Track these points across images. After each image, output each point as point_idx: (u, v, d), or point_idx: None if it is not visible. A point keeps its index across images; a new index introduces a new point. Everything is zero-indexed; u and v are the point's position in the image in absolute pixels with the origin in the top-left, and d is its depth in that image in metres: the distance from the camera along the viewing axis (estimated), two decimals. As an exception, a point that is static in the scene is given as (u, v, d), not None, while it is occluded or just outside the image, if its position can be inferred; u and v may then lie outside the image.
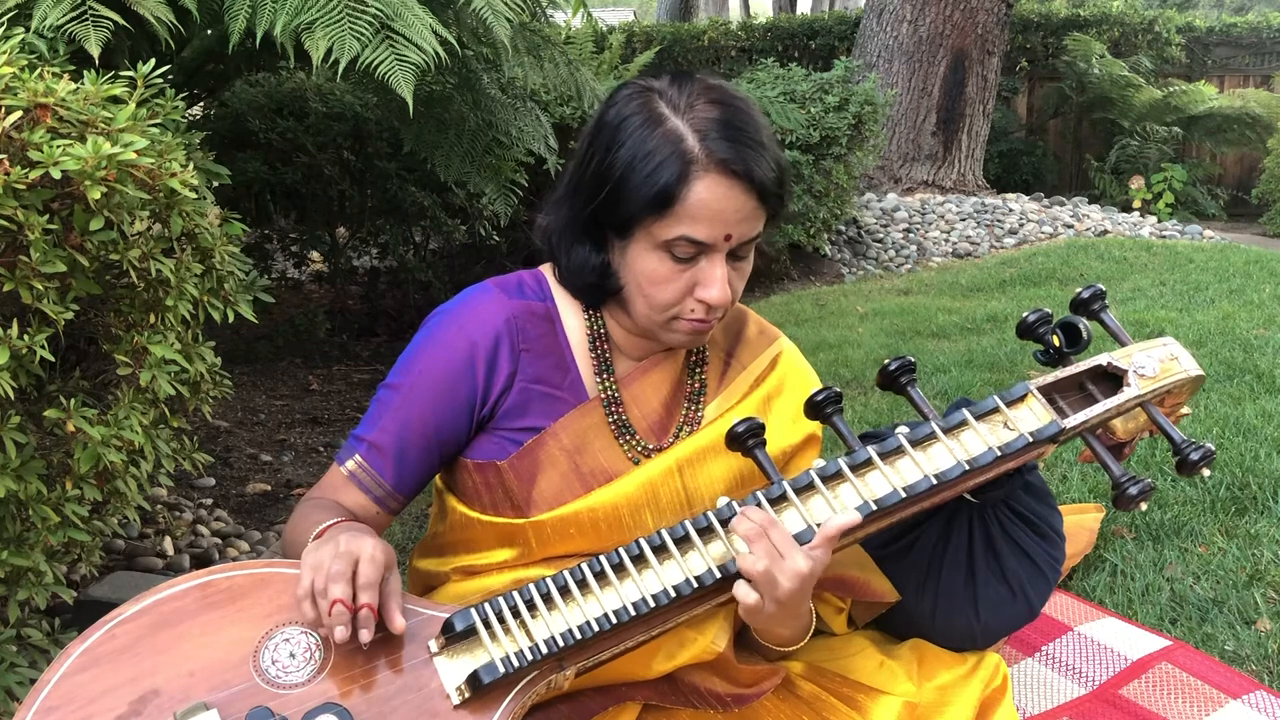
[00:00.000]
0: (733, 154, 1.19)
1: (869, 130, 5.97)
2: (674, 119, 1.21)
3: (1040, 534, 1.55)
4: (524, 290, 1.35)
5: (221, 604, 1.12)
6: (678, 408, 1.37)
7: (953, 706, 1.39)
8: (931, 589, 1.50)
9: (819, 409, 1.29)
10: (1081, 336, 1.35)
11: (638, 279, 1.25)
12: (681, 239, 1.20)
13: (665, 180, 1.18)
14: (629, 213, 1.22)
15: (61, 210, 1.41)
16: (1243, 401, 2.92)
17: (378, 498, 1.32)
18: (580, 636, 1.12)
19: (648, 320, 1.28)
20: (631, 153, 1.20)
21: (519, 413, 1.31)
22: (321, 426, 3.43)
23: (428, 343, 1.32)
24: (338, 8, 1.92)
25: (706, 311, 1.25)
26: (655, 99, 1.23)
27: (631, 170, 1.20)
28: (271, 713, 1.04)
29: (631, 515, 1.30)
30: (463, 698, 1.10)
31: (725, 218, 1.20)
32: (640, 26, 11.90)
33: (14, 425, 1.40)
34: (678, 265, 1.23)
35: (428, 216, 4.32)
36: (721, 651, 1.31)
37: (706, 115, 1.21)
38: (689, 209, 1.19)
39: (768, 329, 1.46)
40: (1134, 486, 1.26)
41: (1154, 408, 1.33)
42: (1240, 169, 10.37)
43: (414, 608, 1.15)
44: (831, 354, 3.91)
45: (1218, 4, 21.09)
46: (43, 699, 1.03)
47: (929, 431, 1.26)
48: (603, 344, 1.35)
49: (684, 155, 1.19)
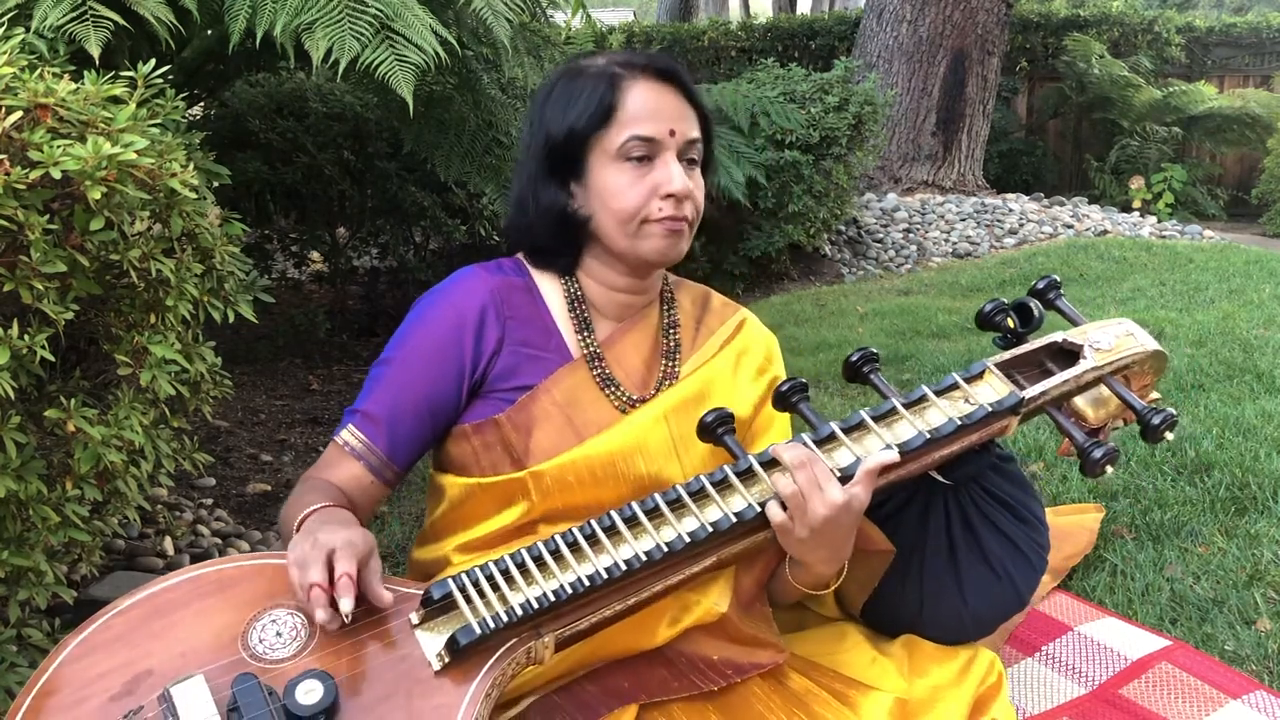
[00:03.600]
0: (653, 61, 1.38)
1: (869, 130, 5.97)
2: (594, 63, 1.39)
3: (1019, 517, 1.59)
4: (504, 269, 1.46)
5: (212, 593, 1.16)
6: (656, 364, 1.46)
7: (944, 704, 1.40)
8: (915, 575, 1.52)
9: (785, 399, 1.38)
10: (1034, 315, 1.41)
11: (604, 200, 1.36)
12: (631, 138, 1.33)
13: (601, 94, 1.34)
14: (578, 140, 1.35)
15: (62, 210, 1.41)
16: (1243, 401, 2.91)
17: (372, 466, 1.37)
18: (554, 600, 1.16)
19: (622, 239, 1.37)
20: (564, 96, 1.37)
21: (510, 374, 1.38)
22: (321, 426, 3.43)
23: (417, 320, 1.41)
24: (338, 8, 1.92)
25: (675, 205, 1.35)
26: (574, 61, 1.43)
27: (569, 106, 1.36)
28: (255, 677, 1.07)
29: (625, 461, 1.36)
30: (443, 663, 1.12)
31: (664, 112, 1.35)
32: (640, 26, 11.90)
33: (14, 425, 1.40)
34: (636, 170, 1.34)
35: (428, 216, 4.32)
36: (725, 613, 1.35)
37: (620, 55, 1.41)
38: (629, 113, 1.34)
39: (730, 303, 1.58)
40: (1098, 450, 1.29)
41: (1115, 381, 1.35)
42: (1240, 169, 10.37)
43: (394, 587, 1.18)
44: (831, 354, 3.91)
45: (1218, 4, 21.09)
46: (40, 686, 1.06)
47: (890, 408, 1.32)
48: (580, 306, 1.43)
49: (612, 74, 1.36)
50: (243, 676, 1.07)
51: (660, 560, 1.21)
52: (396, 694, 1.10)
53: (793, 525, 1.23)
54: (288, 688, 1.05)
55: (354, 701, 1.08)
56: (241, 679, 1.06)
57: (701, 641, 1.37)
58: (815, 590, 1.39)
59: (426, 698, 1.10)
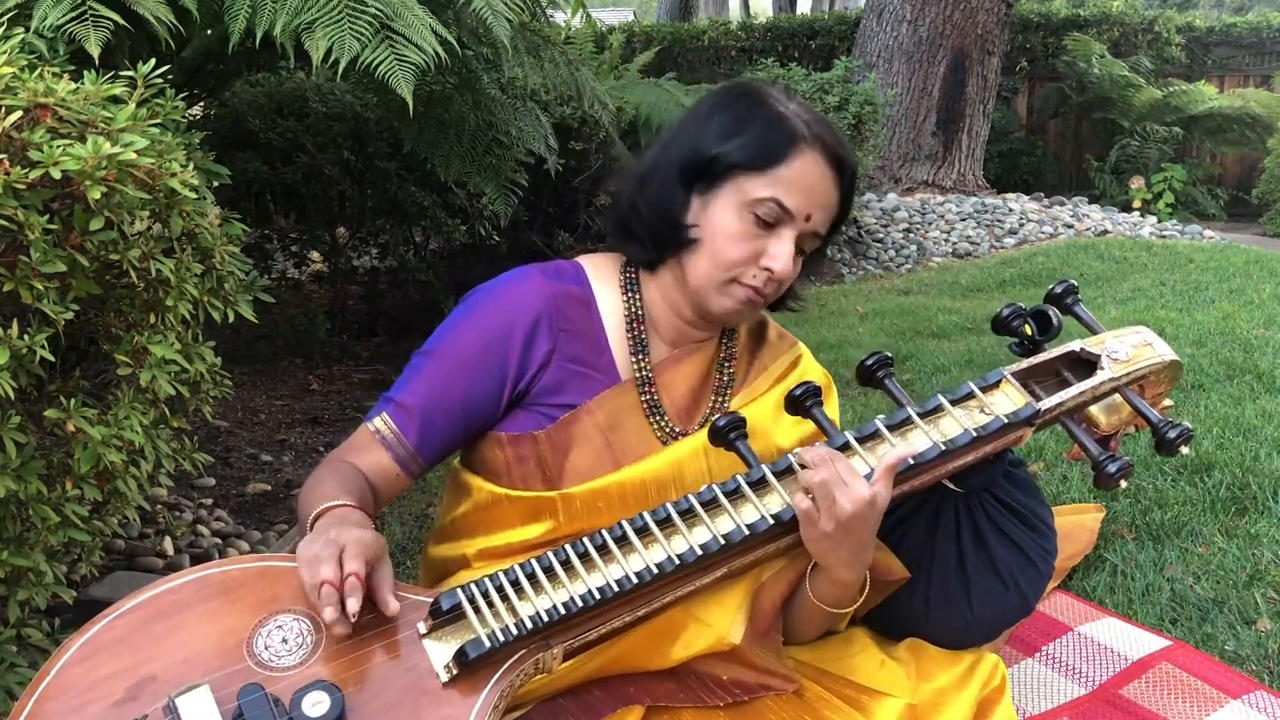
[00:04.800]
0: (835, 142, 1.33)
1: (869, 130, 5.97)
2: (784, 105, 1.35)
3: (1029, 525, 1.57)
4: (563, 275, 1.41)
5: (216, 595, 1.14)
6: (705, 398, 1.43)
7: (950, 708, 1.39)
8: (923, 582, 1.51)
9: (799, 403, 1.34)
10: (1052, 323, 1.38)
11: (713, 231, 1.32)
12: (771, 200, 1.29)
13: (774, 142, 1.30)
14: (730, 162, 1.31)
15: (61, 210, 1.41)
16: (1243, 401, 2.91)
17: (399, 458, 1.35)
18: (564, 612, 1.15)
19: (706, 280, 1.33)
20: (751, 115, 1.33)
21: (556, 390, 1.35)
22: (321, 426, 3.43)
23: (468, 316, 1.37)
24: (338, 8, 1.92)
25: (765, 281, 1.31)
26: (763, 89, 1.38)
27: (748, 127, 1.32)
28: (263, 688, 1.05)
29: (658, 491, 1.34)
30: (451, 675, 1.11)
31: (814, 194, 1.31)
32: (640, 26, 11.90)
33: (14, 425, 1.40)
34: (755, 228, 1.30)
35: (428, 216, 4.31)
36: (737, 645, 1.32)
37: (808, 113, 1.36)
38: (787, 174, 1.30)
39: (786, 335, 1.54)
40: (1112, 464, 1.28)
41: (1130, 392, 1.34)
42: (1240, 169, 10.37)
43: (403, 594, 1.17)
44: (832, 354, 3.91)
45: (1218, 4, 21.09)
46: (42, 689, 1.04)
47: (905, 417, 1.30)
48: (639, 325, 1.40)
49: (795, 130, 1.31)
50: (249, 687, 1.05)
51: (672, 572, 1.19)
52: (403, 704, 1.09)
53: (819, 517, 1.21)
54: (294, 699, 1.04)
55: (360, 712, 1.07)
56: (248, 690, 1.05)
57: (712, 663, 1.35)
58: (836, 608, 1.37)
59: (434, 709, 1.09)
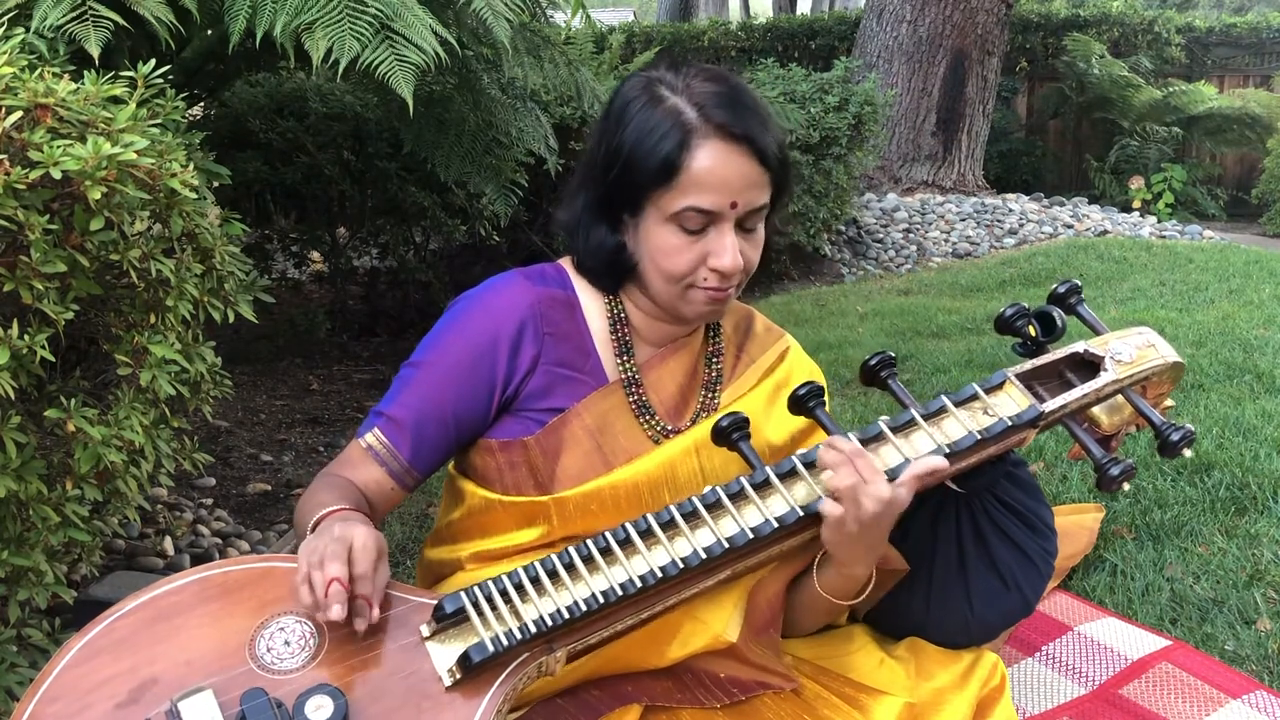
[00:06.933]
0: (730, 118, 1.24)
1: (869, 130, 5.98)
2: (673, 97, 1.27)
3: (1030, 526, 1.56)
4: (546, 279, 1.40)
5: (218, 597, 1.14)
6: (693, 394, 1.41)
7: (949, 707, 1.39)
8: (923, 582, 1.51)
9: (801, 403, 1.33)
10: (1056, 325, 1.38)
11: (651, 254, 1.29)
12: (688, 209, 1.24)
13: (667, 150, 1.23)
14: (638, 188, 1.26)
15: (62, 210, 1.41)
16: (1243, 401, 2.91)
17: (394, 472, 1.34)
18: (569, 616, 1.15)
19: (665, 294, 1.32)
20: (636, 131, 1.26)
21: (543, 394, 1.35)
22: (321, 426, 3.43)
23: (453, 325, 1.36)
24: (338, 8, 1.92)
25: (720, 280, 1.29)
26: (655, 83, 1.30)
27: (637, 146, 1.25)
28: (265, 693, 1.05)
29: (650, 492, 1.33)
30: (454, 679, 1.11)
31: (729, 184, 1.24)
32: (640, 26, 11.90)
33: (14, 425, 1.40)
34: (689, 236, 1.27)
35: (428, 216, 4.32)
36: (734, 643, 1.32)
37: (704, 89, 1.27)
38: (693, 177, 1.23)
39: (773, 327, 1.52)
40: (1115, 467, 1.28)
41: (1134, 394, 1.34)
42: (1240, 169, 10.36)
43: (405, 595, 1.17)
44: (832, 354, 3.91)
45: (1218, 4, 21.08)
46: (43, 691, 1.04)
47: (909, 418, 1.29)
48: (623, 327, 1.39)
49: (684, 125, 1.24)
50: (252, 692, 1.05)
51: (675, 575, 1.19)
52: (406, 709, 1.09)
53: (845, 518, 1.20)
54: (297, 704, 1.04)
55: (363, 717, 1.07)
56: (250, 695, 1.05)
57: (709, 660, 1.35)
58: (842, 599, 1.36)
59: (437, 713, 1.09)
